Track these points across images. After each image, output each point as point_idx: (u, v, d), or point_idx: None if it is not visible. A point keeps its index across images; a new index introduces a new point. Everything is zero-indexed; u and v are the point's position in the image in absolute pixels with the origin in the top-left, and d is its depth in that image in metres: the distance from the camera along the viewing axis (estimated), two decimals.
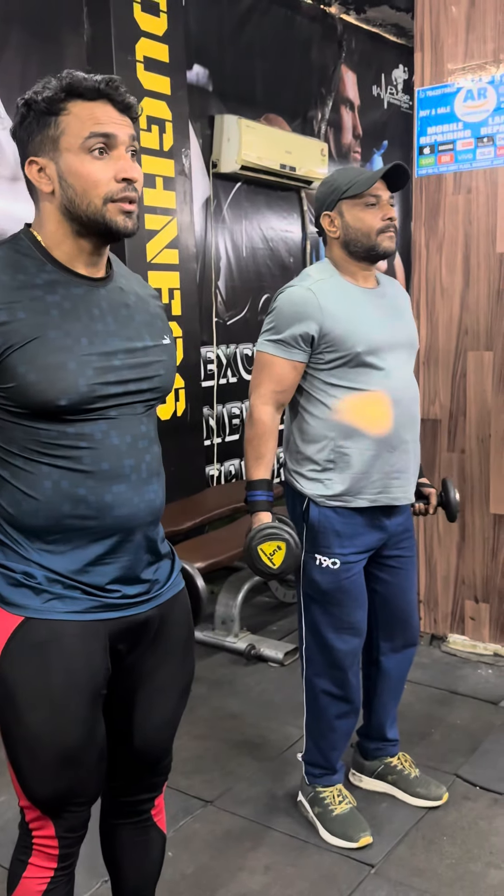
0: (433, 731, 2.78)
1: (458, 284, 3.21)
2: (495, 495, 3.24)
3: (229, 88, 4.77)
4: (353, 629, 2.17)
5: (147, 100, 4.05)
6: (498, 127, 3.06)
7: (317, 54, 5.43)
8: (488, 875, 2.11)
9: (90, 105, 1.31)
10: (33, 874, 1.49)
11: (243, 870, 2.15)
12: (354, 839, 2.20)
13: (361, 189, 2.05)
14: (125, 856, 1.68)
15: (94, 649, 1.40)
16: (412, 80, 6.27)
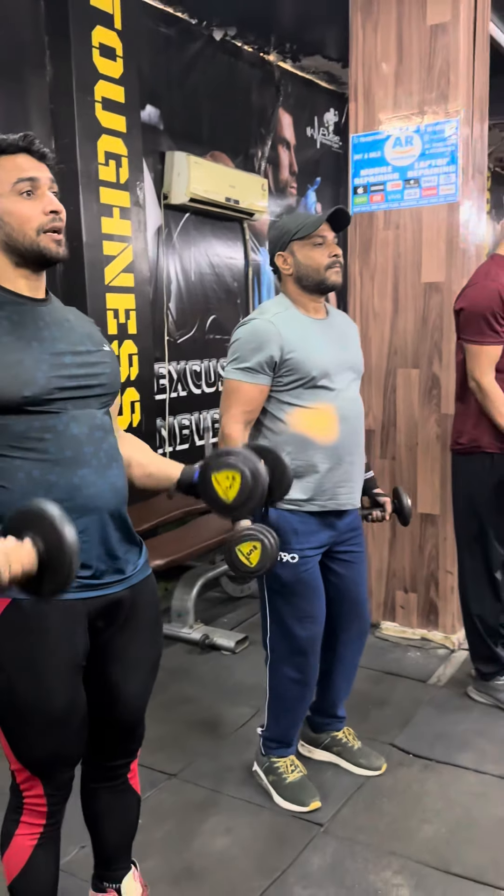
0: (370, 708, 2.92)
1: (389, 310, 3.38)
2: (422, 497, 3.41)
3: (178, 127, 4.87)
4: (313, 617, 2.29)
5: (105, 137, 4.13)
6: (423, 171, 3.24)
7: (257, 97, 5.58)
8: (421, 830, 2.25)
9: (13, 157, 1.48)
10: (25, 831, 1.57)
11: (207, 833, 2.25)
12: (305, 803, 2.32)
13: (309, 231, 2.20)
14: (105, 816, 1.77)
15: (75, 626, 1.49)
16: (342, 123, 6.50)
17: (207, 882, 2.05)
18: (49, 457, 1.44)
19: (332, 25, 5.19)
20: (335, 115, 6.56)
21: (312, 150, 6.33)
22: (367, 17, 3.29)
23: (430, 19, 3.16)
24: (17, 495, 1.42)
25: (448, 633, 3.43)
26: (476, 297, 2.68)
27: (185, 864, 2.12)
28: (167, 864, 2.10)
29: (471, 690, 2.98)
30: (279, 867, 2.10)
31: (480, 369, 2.63)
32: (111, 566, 1.53)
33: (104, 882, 1.83)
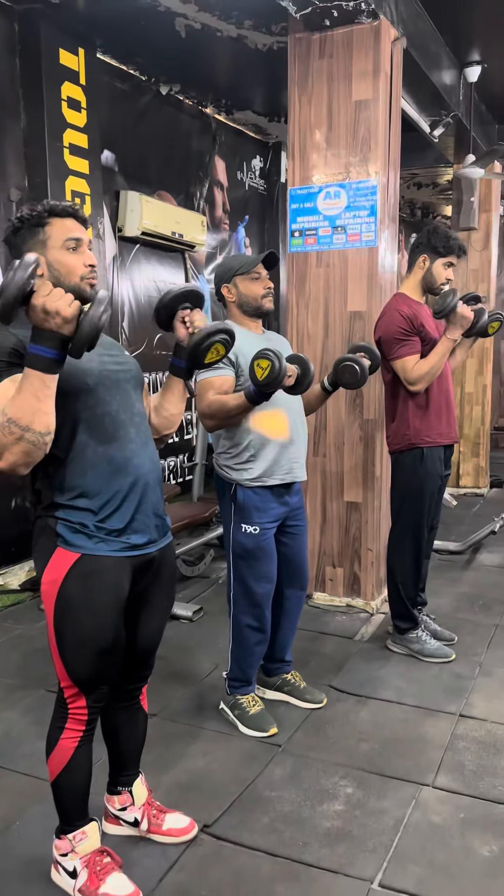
0: (310, 660, 3.29)
1: (320, 333, 3.79)
2: (347, 488, 3.82)
3: (130, 169, 5.17)
4: (268, 577, 2.65)
5: (71, 177, 4.40)
6: (348, 220, 3.66)
7: (196, 145, 5.93)
8: (359, 746, 2.62)
9: (64, 220, 1.79)
10: (68, 735, 1.86)
11: (188, 756, 2.56)
12: (266, 730, 2.66)
13: (248, 269, 2.61)
14: (121, 729, 2.07)
15: (123, 578, 1.81)
16: (266, 169, 6.91)
17: (194, 790, 2.37)
18: (107, 436, 1.77)
19: (260, 86, 5.62)
20: (261, 161, 6.98)
21: (242, 192, 6.72)
22: (303, 91, 3.69)
23: (354, 96, 3.59)
24: (88, 464, 1.74)
25: (368, 600, 3.85)
26: (386, 324, 3.12)
27: (174, 779, 2.43)
28: (158, 779, 2.40)
29: (389, 643, 3.39)
30: (250, 778, 2.43)
31: (411, 374, 3.04)
32: (154, 526, 1.85)
33: (118, 786, 2.13)
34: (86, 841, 1.93)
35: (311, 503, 3.89)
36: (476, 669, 3.18)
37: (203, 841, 2.14)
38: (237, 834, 2.16)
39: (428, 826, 2.20)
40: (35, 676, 3.13)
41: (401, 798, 2.32)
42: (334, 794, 2.35)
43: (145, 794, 2.16)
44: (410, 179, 8.04)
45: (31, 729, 2.72)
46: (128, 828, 2.14)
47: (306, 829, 2.19)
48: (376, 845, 2.12)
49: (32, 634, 3.60)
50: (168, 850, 2.09)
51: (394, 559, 3.31)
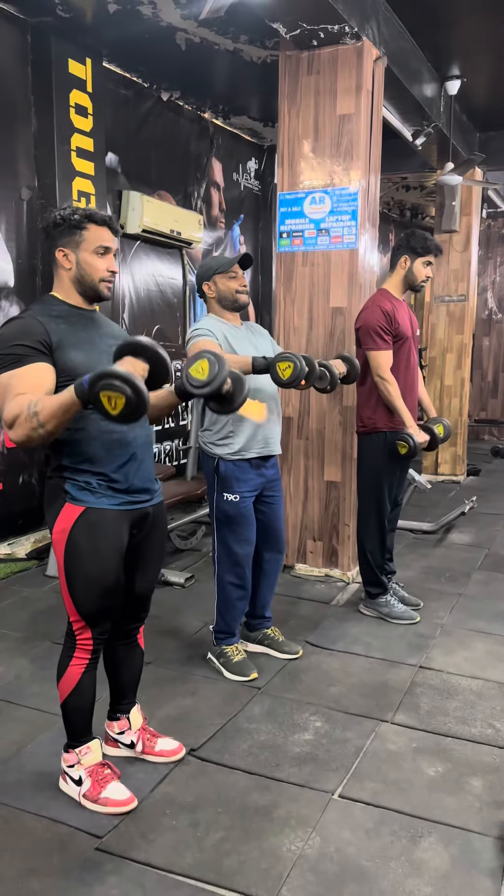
0: (289, 619, 3.59)
1: (305, 326, 4.08)
2: (328, 468, 4.11)
3: (132, 171, 5.43)
4: (248, 540, 2.95)
5: (78, 178, 4.66)
6: (332, 224, 3.95)
7: (194, 148, 6.19)
8: (329, 690, 2.93)
9: (99, 228, 2.07)
10: (76, 662, 2.16)
11: (177, 695, 2.86)
12: (247, 675, 2.97)
13: (226, 268, 2.91)
14: (121, 662, 2.37)
15: (123, 528, 2.10)
16: (261, 171, 7.17)
17: (183, 721, 2.67)
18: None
19: (256, 93, 5.87)
20: (256, 163, 7.23)
21: (237, 192, 6.98)
22: (292, 105, 3.97)
23: (339, 110, 3.87)
24: (93, 436, 2.02)
25: (345, 570, 4.15)
26: (368, 317, 3.41)
27: (166, 712, 2.73)
28: (151, 713, 2.70)
29: (361, 607, 3.70)
30: (232, 712, 2.74)
31: (382, 368, 3.34)
32: (146, 488, 2.14)
33: (117, 713, 2.43)
34: (90, 754, 2.23)
35: (295, 481, 4.18)
36: (438, 630, 3.49)
37: (190, 761, 2.44)
38: (219, 756, 2.47)
39: (384, 752, 2.50)
40: (42, 631, 3.42)
41: (362, 731, 2.63)
42: (305, 726, 2.66)
43: (140, 721, 2.45)
44: (400, 183, 8.32)
45: (39, 673, 3.01)
46: (125, 749, 2.44)
47: (279, 753, 2.49)
48: (338, 766, 2.42)
49: (38, 597, 3.89)
50: (159, 768, 2.40)
51: (362, 532, 3.61)
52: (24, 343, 1.94)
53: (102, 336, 2.10)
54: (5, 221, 4.34)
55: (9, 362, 1.93)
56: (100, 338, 2.08)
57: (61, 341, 1.98)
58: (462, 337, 6.85)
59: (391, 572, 3.74)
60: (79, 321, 2.06)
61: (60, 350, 1.97)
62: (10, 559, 4.34)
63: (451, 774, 2.38)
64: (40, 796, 2.25)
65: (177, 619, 3.60)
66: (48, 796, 2.25)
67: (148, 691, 2.84)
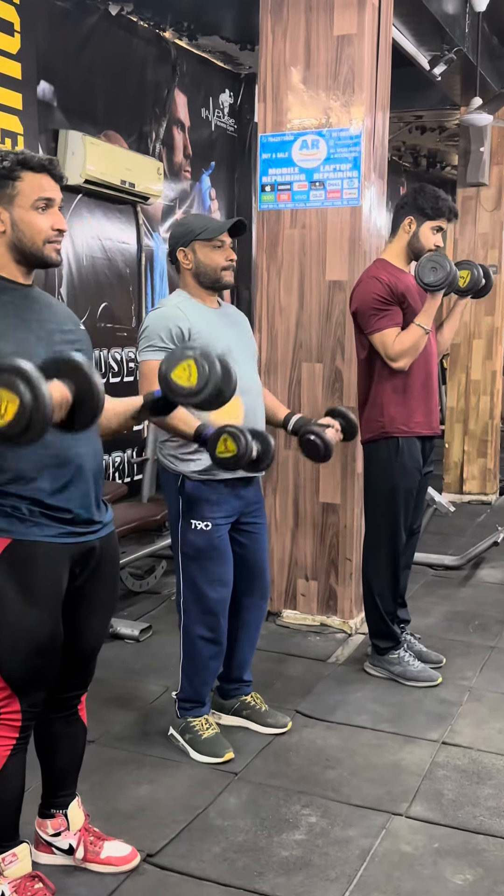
0: (275, 682, 3.57)
1: (294, 305, 4.07)
2: (324, 486, 4.11)
3: (72, 104, 5.42)
4: (222, 581, 2.93)
5: (1, 114, 4.64)
6: (328, 174, 3.95)
7: (152, 75, 6.20)
8: (325, 774, 2.91)
9: (37, 176, 2.05)
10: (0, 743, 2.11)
11: (131, 783, 2.83)
12: (220, 755, 2.94)
13: (212, 235, 2.88)
14: (57, 742, 2.34)
15: (60, 567, 2.07)
16: (237, 105, 7.21)
17: (137, 818, 2.63)
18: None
19: (231, 6, 5.90)
20: (230, 96, 7.27)
21: (207, 133, 7.01)
22: (277, 21, 3.97)
23: (336, 30, 3.88)
24: (24, 453, 1.97)
25: (346, 618, 4.14)
26: (362, 294, 3.42)
27: (114, 806, 2.69)
28: (96, 807, 2.65)
29: (367, 666, 3.69)
30: (200, 806, 2.70)
31: (392, 348, 3.33)
32: (91, 517, 2.11)
33: (51, 809, 2.39)
34: (16, 864, 2.18)
35: (282, 504, 4.17)
36: (465, 695, 3.49)
37: (146, 871, 2.40)
38: (184, 863, 2.43)
39: (397, 855, 2.48)
40: None
41: (369, 827, 2.61)
42: (295, 822, 2.63)
43: (82, 819, 2.41)
44: (413, 122, 8.39)
45: None
46: (61, 856, 2.40)
47: (262, 858, 2.46)
48: (339, 874, 2.40)
49: None
50: (106, 880, 2.36)
51: (370, 568, 3.60)
52: None
53: (42, 322, 2.06)
54: None
55: None
56: (38, 323, 2.05)
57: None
58: (493, 319, 6.90)
59: (405, 621, 3.73)
60: (11, 301, 2.03)
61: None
62: None
63: (484, 883, 2.36)
64: None
65: (129, 684, 3.56)
66: None
67: (90, 779, 2.80)
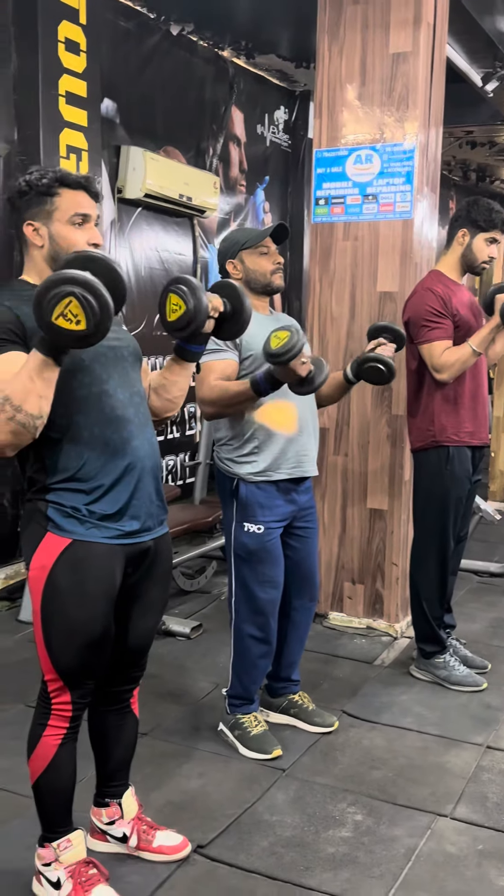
0: (322, 682, 3.56)
1: (345, 315, 4.06)
2: (371, 493, 4.09)
3: (134, 121, 5.48)
4: (273, 582, 2.93)
5: (67, 130, 4.70)
6: (380, 188, 3.94)
7: (210, 93, 6.23)
8: (371, 774, 2.89)
9: (75, 193, 2.08)
10: (51, 733, 2.14)
11: (181, 776, 2.84)
12: (269, 751, 2.94)
13: (255, 242, 2.91)
14: (110, 734, 2.35)
15: (115, 567, 2.09)
16: (292, 122, 7.21)
17: (187, 810, 2.64)
18: (104, 416, 2.04)
19: (287, 26, 5.91)
20: (285, 113, 7.28)
21: (262, 148, 7.02)
22: (334, 40, 3.98)
23: (392, 48, 3.87)
24: (82, 446, 2.01)
25: (392, 622, 4.11)
26: (416, 305, 3.40)
27: (166, 798, 2.70)
28: (149, 798, 2.67)
29: (413, 669, 3.66)
30: (249, 800, 2.70)
31: (435, 357, 3.30)
32: (147, 519, 2.13)
33: (106, 798, 2.40)
34: (71, 850, 2.20)
35: (330, 509, 4.16)
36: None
37: (196, 861, 2.41)
38: (233, 856, 2.43)
39: (442, 856, 2.46)
40: (13, 690, 3.41)
41: (414, 827, 2.58)
42: (341, 820, 2.62)
43: (135, 809, 2.43)
44: (463, 138, 8.32)
45: (8, 744, 2.99)
46: (115, 844, 2.41)
47: (308, 853, 2.45)
48: (384, 872, 2.38)
49: (9, 646, 3.88)
50: (158, 869, 2.37)
51: (418, 573, 3.57)
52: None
53: None
54: None
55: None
56: None
57: (36, 329, 1.98)
58: None
59: (451, 626, 3.69)
60: None
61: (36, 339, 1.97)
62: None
63: None
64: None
65: (180, 679, 3.57)
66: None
67: (143, 770, 2.82)
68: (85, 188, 2.08)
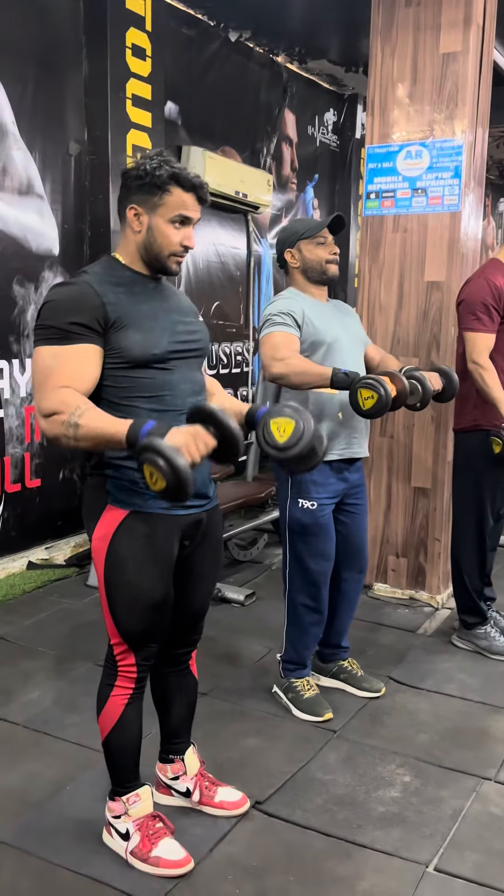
0: (368, 650, 3.46)
1: (393, 304, 3.92)
2: (416, 472, 3.96)
3: (194, 122, 5.36)
4: (325, 555, 2.84)
5: (133, 131, 4.61)
6: (429, 182, 3.78)
7: (265, 96, 6.09)
8: (418, 737, 2.79)
9: (184, 194, 1.95)
10: (118, 693, 2.09)
11: (239, 734, 2.77)
12: (320, 714, 2.85)
13: (313, 233, 2.79)
14: (172, 694, 2.29)
15: (173, 536, 2.02)
16: (340, 123, 7.03)
17: (246, 767, 2.57)
18: (167, 406, 1.95)
19: (338, 32, 5.74)
20: (334, 115, 7.10)
21: (312, 148, 6.86)
22: (387, 42, 3.81)
23: (442, 48, 3.70)
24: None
25: (434, 593, 3.99)
26: (472, 290, 3.24)
27: (225, 755, 2.64)
28: (209, 755, 2.60)
29: (454, 639, 3.54)
30: (303, 759, 2.63)
31: (477, 352, 3.17)
32: (200, 492, 2.05)
33: (170, 754, 2.34)
34: (139, 804, 2.15)
35: (376, 487, 4.04)
36: None
37: (255, 816, 2.34)
38: (289, 812, 2.36)
39: (488, 817, 2.36)
40: (84, 650, 3.37)
41: (460, 789, 2.49)
42: (390, 781, 2.53)
43: (197, 765, 2.37)
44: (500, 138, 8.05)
45: (79, 700, 2.95)
46: (179, 798, 2.36)
47: (360, 812, 2.37)
48: (433, 832, 2.29)
49: (79, 609, 3.85)
50: (219, 822, 2.30)
51: (459, 549, 3.45)
52: (76, 321, 1.86)
53: (168, 311, 2.01)
54: (50, 180, 4.31)
55: (54, 336, 1.87)
56: (164, 313, 1.99)
57: (120, 318, 1.90)
58: None
59: (491, 598, 3.57)
60: (142, 291, 1.98)
61: (117, 328, 1.90)
62: (47, 565, 4.32)
63: None
64: (80, 849, 2.18)
65: (236, 643, 3.50)
66: (89, 850, 2.18)
67: (204, 727, 2.76)
68: (196, 192, 1.96)
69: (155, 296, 2.00)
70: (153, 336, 1.93)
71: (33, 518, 4.35)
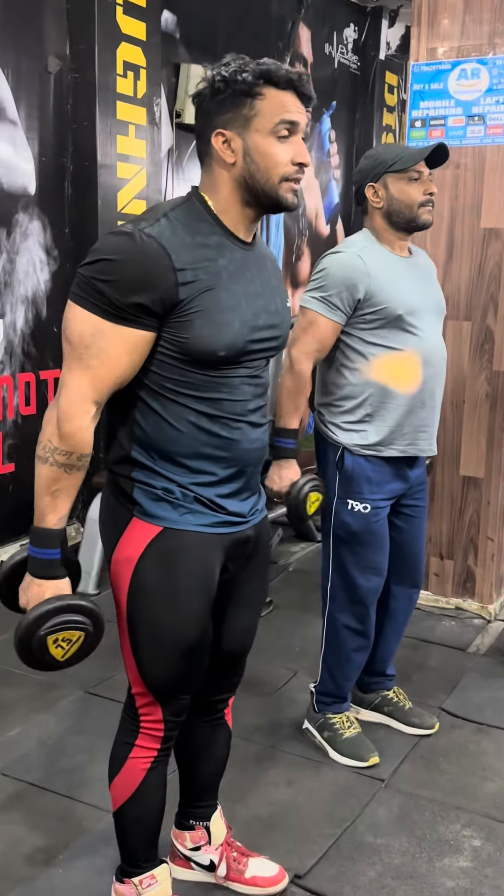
0: (412, 673, 3.24)
1: (442, 256, 3.65)
2: (465, 458, 3.72)
3: (194, 37, 5.05)
4: (377, 569, 2.59)
5: (124, 45, 4.30)
6: (489, 107, 3.50)
7: (277, 8, 5.77)
8: (484, 786, 2.58)
9: (281, 94, 1.61)
10: (139, 755, 1.85)
11: (268, 784, 2.55)
12: (364, 758, 2.63)
13: (407, 165, 2.45)
14: (201, 749, 2.06)
15: (214, 559, 1.76)
16: (361, 41, 6.71)
17: (279, 829, 2.35)
18: (218, 411, 1.68)
19: None
20: (355, 31, 6.77)
21: (329, 70, 6.55)
22: None
23: None
24: (184, 437, 1.66)
25: (485, 602, 3.77)
26: None
27: (253, 812, 2.41)
28: (232, 814, 2.38)
29: None
30: (348, 817, 2.40)
31: None
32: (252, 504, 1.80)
33: (191, 819, 2.11)
34: (155, 887, 1.92)
35: None
36: None
37: (294, 894, 2.12)
38: (337, 889, 2.14)
39: None
40: (70, 673, 3.11)
41: None
42: (457, 845, 2.31)
43: (224, 832, 2.14)
44: None
45: (69, 739, 2.73)
46: (201, 872, 2.13)
47: (424, 889, 2.15)
48: None
49: None
50: None
51: None
52: (138, 301, 1.55)
53: (253, 295, 1.70)
54: (25, 103, 4.01)
55: (106, 309, 1.56)
56: (248, 299, 1.68)
57: (191, 302, 1.59)
58: None
59: None
60: (229, 265, 1.66)
61: (183, 315, 1.59)
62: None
63: None
64: None
65: (253, 665, 3.18)
66: None
67: (225, 776, 2.48)
68: (296, 87, 1.61)
69: (243, 272, 1.69)
70: (227, 333, 1.63)
71: (5, 510, 4.11)
